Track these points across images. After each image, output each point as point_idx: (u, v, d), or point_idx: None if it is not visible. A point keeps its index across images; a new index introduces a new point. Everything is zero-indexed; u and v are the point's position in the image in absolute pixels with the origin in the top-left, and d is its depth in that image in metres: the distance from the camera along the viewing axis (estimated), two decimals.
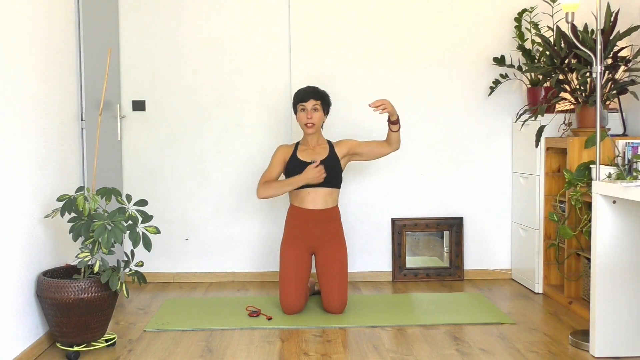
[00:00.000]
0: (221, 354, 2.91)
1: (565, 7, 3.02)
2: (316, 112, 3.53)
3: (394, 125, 3.46)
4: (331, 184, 3.52)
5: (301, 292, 3.48)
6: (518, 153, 4.25)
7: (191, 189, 4.37)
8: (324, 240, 3.50)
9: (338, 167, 3.57)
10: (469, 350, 2.93)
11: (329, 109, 3.64)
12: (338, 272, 3.47)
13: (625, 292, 2.80)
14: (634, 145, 3.22)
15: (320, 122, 3.57)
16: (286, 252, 3.52)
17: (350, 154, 3.62)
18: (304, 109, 3.53)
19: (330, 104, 3.65)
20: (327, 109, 3.62)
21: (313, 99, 3.53)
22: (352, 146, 3.61)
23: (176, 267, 4.38)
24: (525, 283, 4.11)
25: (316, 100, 3.53)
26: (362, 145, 3.61)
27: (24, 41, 2.85)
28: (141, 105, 4.33)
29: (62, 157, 3.25)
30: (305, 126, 3.53)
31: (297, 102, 3.56)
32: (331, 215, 3.54)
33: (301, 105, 3.54)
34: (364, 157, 3.65)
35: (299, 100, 3.55)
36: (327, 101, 3.61)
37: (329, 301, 3.46)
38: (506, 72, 4.26)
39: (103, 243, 2.75)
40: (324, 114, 3.59)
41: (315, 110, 3.52)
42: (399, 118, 3.46)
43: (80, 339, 2.84)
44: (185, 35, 4.32)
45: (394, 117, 3.43)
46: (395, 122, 3.44)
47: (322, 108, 3.56)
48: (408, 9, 4.31)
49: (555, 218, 3.53)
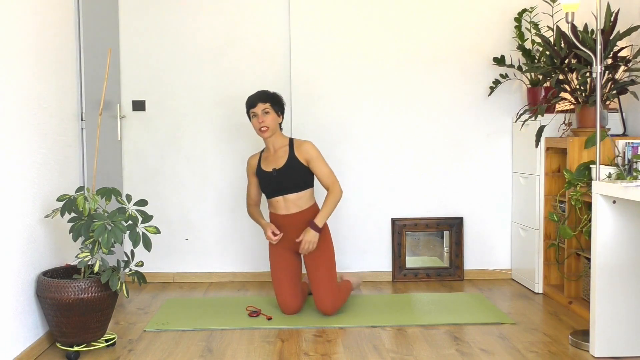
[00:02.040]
0: (221, 354, 2.91)
1: (565, 7, 3.02)
2: (267, 115, 3.45)
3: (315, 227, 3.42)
4: (297, 189, 3.46)
5: (295, 291, 3.49)
6: (518, 153, 4.25)
7: (191, 189, 4.37)
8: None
9: (300, 170, 3.46)
10: (469, 350, 2.93)
11: (282, 109, 3.54)
12: (325, 273, 3.44)
13: (625, 292, 2.80)
14: (634, 145, 3.22)
15: (274, 124, 3.48)
16: (272, 254, 3.55)
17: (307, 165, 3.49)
18: (255, 114, 3.47)
19: (282, 104, 3.54)
20: (280, 110, 3.53)
21: (261, 103, 3.46)
22: (308, 160, 3.47)
23: (176, 267, 4.38)
24: (525, 283, 4.11)
25: (264, 103, 3.46)
26: (315, 169, 3.47)
27: (24, 41, 2.85)
28: (141, 105, 4.33)
29: (62, 157, 3.25)
30: (260, 131, 3.46)
31: (248, 110, 3.51)
32: (309, 216, 3.48)
33: (252, 112, 3.48)
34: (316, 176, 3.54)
35: (249, 107, 3.50)
36: (277, 101, 3.51)
37: (320, 304, 3.43)
38: (506, 72, 4.26)
39: (103, 243, 2.75)
40: (278, 115, 3.50)
41: (266, 113, 3.45)
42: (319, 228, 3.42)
43: (80, 339, 2.84)
44: (185, 35, 4.32)
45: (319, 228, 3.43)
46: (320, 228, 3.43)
47: (273, 110, 3.47)
48: (408, 9, 4.31)
49: (555, 218, 3.53)
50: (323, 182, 3.48)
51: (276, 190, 3.48)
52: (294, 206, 3.48)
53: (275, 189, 3.48)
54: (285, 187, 3.46)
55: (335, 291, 3.46)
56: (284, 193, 3.47)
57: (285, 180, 3.45)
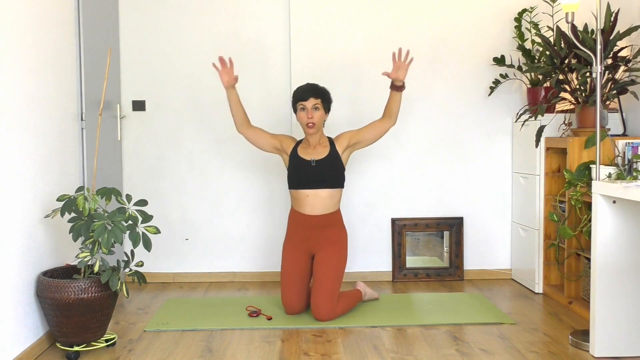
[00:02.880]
0: (221, 354, 2.91)
1: (565, 7, 3.02)
2: (317, 111, 3.39)
3: (401, 90, 3.39)
4: (332, 184, 3.42)
5: (302, 293, 3.46)
6: (518, 153, 4.25)
7: (191, 189, 4.37)
8: (322, 244, 3.44)
9: (339, 166, 3.45)
10: (469, 350, 2.93)
11: (330, 107, 3.51)
12: (329, 281, 3.35)
13: (625, 292, 2.80)
14: (634, 145, 3.22)
15: (321, 121, 3.43)
16: (286, 253, 3.50)
17: (351, 145, 3.48)
18: (304, 108, 3.39)
19: (331, 102, 3.53)
20: (328, 107, 3.49)
21: (313, 98, 3.39)
22: (350, 137, 3.48)
23: (176, 267, 4.38)
24: (525, 283, 4.11)
25: (316, 99, 3.39)
26: (360, 132, 3.48)
27: (24, 41, 2.85)
28: (141, 105, 4.33)
29: (62, 157, 3.25)
30: (306, 126, 3.40)
31: (297, 101, 3.43)
32: (331, 221, 3.44)
33: (301, 104, 3.40)
34: (365, 142, 3.51)
35: (299, 99, 3.42)
36: (328, 99, 3.48)
37: (315, 309, 3.33)
38: (506, 72, 4.26)
39: (103, 243, 2.75)
40: (325, 112, 3.46)
41: (315, 109, 3.39)
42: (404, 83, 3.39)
43: (80, 339, 2.84)
44: (185, 35, 4.32)
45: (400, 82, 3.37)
46: (402, 86, 3.37)
47: (322, 107, 3.42)
48: (408, 9, 4.31)
49: (555, 218, 3.53)
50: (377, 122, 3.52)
51: (312, 182, 3.40)
52: (321, 205, 3.39)
53: (311, 180, 3.40)
54: (322, 180, 3.39)
55: (333, 301, 3.36)
56: (319, 187, 3.38)
57: (325, 172, 3.39)
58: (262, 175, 4.37)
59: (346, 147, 3.49)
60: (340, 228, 3.51)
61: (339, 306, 3.40)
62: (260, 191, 4.37)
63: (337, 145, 3.48)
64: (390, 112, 3.42)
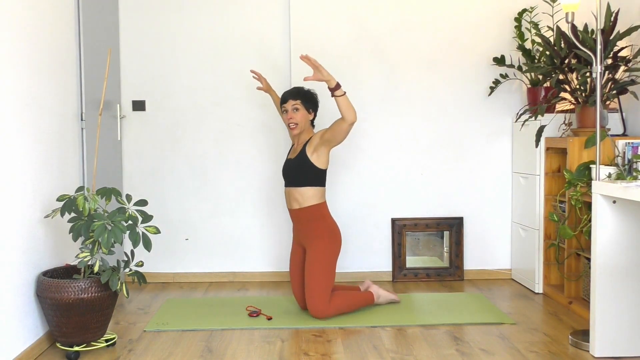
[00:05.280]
0: (221, 354, 2.91)
1: (565, 7, 3.02)
2: (297, 112, 3.47)
3: (335, 91, 3.22)
4: (296, 183, 3.44)
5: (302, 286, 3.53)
6: (518, 153, 4.25)
7: (191, 189, 4.37)
8: (309, 239, 3.47)
9: (305, 165, 3.42)
10: (469, 350, 2.93)
11: (314, 107, 3.54)
12: (310, 276, 3.38)
13: (625, 292, 2.80)
14: (634, 145, 3.22)
15: (303, 120, 3.49)
16: (291, 249, 3.65)
17: (323, 144, 3.43)
18: (286, 110, 3.51)
19: (315, 102, 3.54)
20: (312, 107, 3.53)
21: (292, 99, 3.49)
22: (320, 135, 3.43)
23: (176, 267, 4.38)
24: (525, 283, 4.11)
25: (295, 100, 3.48)
26: (327, 131, 3.41)
27: (24, 41, 2.85)
28: (141, 105, 4.33)
29: (62, 157, 3.25)
30: (288, 127, 3.53)
31: (280, 105, 3.57)
32: (310, 215, 3.45)
33: (283, 107, 3.53)
34: (334, 141, 3.42)
35: (281, 103, 3.55)
36: (310, 99, 3.51)
37: (307, 306, 3.43)
38: (506, 72, 4.26)
39: (103, 243, 2.75)
40: (309, 112, 3.52)
41: (295, 110, 3.47)
42: (338, 84, 3.23)
43: (80, 339, 2.84)
44: (185, 35, 4.32)
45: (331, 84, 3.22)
46: (335, 88, 3.22)
47: (303, 106, 3.48)
48: (408, 9, 4.31)
49: (555, 218, 3.53)
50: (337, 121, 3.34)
51: (285, 179, 3.56)
52: (294, 201, 3.48)
53: (284, 177, 3.57)
54: (288, 179, 3.52)
55: (321, 296, 3.36)
56: (288, 184, 3.52)
57: (289, 172, 3.52)
58: (262, 175, 4.37)
59: (317, 146, 3.43)
60: (322, 223, 3.45)
61: (335, 302, 3.40)
62: (260, 191, 4.37)
63: (308, 145, 3.46)
64: (340, 113, 3.32)
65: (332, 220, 3.52)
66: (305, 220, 3.47)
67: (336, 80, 3.24)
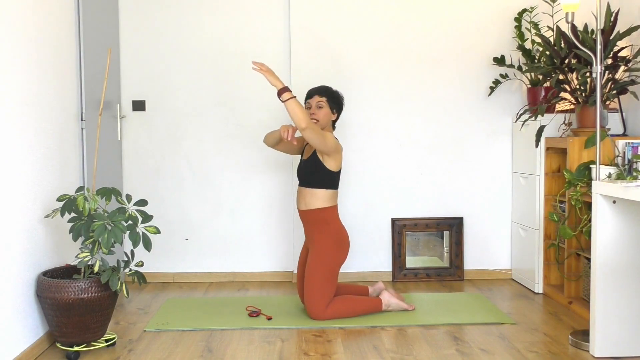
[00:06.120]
0: (221, 354, 2.91)
1: (565, 7, 3.02)
2: (320, 109, 3.46)
3: (280, 96, 3.16)
4: (309, 184, 3.44)
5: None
6: (518, 153, 4.25)
7: (191, 189, 4.37)
8: (314, 241, 3.47)
9: (318, 167, 3.41)
10: (469, 350, 2.93)
11: (339, 108, 3.53)
12: (308, 278, 3.37)
13: (625, 292, 2.80)
14: (634, 145, 3.22)
15: (325, 119, 3.47)
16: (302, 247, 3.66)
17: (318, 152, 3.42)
18: (309, 106, 3.50)
19: (340, 103, 3.54)
20: (336, 107, 3.51)
21: (317, 95, 3.48)
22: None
23: (176, 267, 4.38)
24: (525, 283, 4.11)
25: (321, 97, 3.47)
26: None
27: (24, 41, 2.85)
28: (141, 105, 4.33)
29: (62, 157, 3.25)
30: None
31: (305, 100, 3.54)
32: (315, 218, 3.44)
33: (307, 103, 3.52)
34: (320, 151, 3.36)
35: (306, 99, 3.54)
36: (335, 98, 3.50)
37: (305, 307, 3.45)
38: (506, 72, 4.26)
39: (103, 243, 2.75)
40: (332, 112, 3.50)
41: (319, 107, 3.46)
42: (284, 87, 3.17)
43: (80, 339, 2.84)
44: (185, 35, 4.32)
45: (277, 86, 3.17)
46: (279, 92, 3.17)
47: (328, 105, 3.46)
48: (408, 9, 4.31)
49: (555, 218, 3.53)
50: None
51: (299, 178, 3.55)
52: (303, 202, 3.47)
53: (298, 176, 3.56)
54: (302, 178, 3.51)
55: (318, 299, 3.34)
56: (301, 184, 3.51)
57: (302, 172, 3.51)
58: (262, 175, 4.37)
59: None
60: (327, 227, 3.43)
61: (335, 306, 3.37)
62: (260, 191, 4.37)
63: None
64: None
65: (339, 226, 3.47)
66: (311, 223, 3.47)
67: (284, 84, 3.19)
